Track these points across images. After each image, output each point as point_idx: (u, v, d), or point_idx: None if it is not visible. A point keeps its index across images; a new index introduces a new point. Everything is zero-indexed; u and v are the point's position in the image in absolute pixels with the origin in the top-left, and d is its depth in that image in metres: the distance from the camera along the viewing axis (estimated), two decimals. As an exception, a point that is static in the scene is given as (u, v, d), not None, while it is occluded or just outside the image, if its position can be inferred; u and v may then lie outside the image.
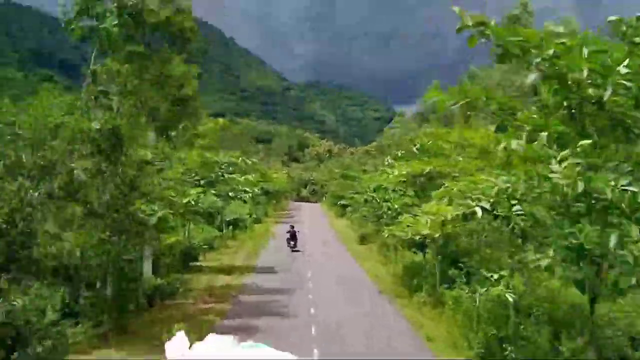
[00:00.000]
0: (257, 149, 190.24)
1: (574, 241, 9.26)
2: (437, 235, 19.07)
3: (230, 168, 31.57)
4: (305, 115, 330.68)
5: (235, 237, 49.87)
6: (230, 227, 50.54)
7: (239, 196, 33.43)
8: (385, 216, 33.60)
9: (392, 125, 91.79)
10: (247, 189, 34.28)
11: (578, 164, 8.37)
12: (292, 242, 46.39)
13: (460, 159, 26.03)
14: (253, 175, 34.41)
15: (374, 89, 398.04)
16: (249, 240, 48.91)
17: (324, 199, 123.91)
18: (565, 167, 8.29)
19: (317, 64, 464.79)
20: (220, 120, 55.57)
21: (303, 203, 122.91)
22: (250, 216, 61.30)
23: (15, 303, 14.64)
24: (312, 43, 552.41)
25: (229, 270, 33.96)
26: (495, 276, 18.55)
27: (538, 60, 8.72)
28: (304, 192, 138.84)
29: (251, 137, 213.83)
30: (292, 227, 47.91)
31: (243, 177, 33.65)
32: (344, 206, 77.39)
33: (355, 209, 64.50)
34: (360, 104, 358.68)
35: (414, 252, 33.10)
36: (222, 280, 31.96)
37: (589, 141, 8.71)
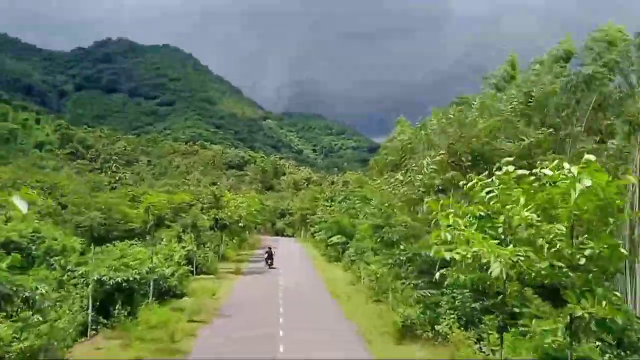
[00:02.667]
0: (227, 174, 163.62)
1: None
2: None
3: None
4: (282, 144, 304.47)
5: (124, 325, 21.55)
6: (115, 305, 22.27)
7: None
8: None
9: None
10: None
11: None
12: (269, 261, 47.00)
13: None
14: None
15: (351, 120, 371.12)
16: (147, 336, 20.37)
17: (302, 232, 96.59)
18: None
19: (295, 94, 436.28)
20: None
21: (279, 238, 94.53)
22: (181, 266, 33.07)
23: None
24: (289, 73, 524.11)
25: None
26: None
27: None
28: (280, 224, 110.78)
29: (223, 163, 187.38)
30: (270, 248, 49.12)
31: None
32: (337, 246, 49.85)
33: (360, 252, 36.68)
34: (338, 134, 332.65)
35: None
36: None
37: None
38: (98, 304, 22.02)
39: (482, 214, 12.82)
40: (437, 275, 13.49)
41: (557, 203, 10.44)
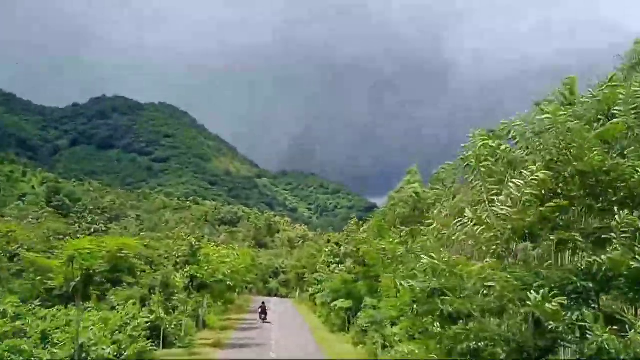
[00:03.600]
0: (220, 230, 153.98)
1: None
2: None
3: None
4: (276, 202, 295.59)
5: None
6: None
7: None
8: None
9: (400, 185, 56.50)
10: None
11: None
12: (262, 316, 48.69)
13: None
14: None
15: (347, 180, 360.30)
16: None
17: (297, 293, 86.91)
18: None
19: (290, 154, 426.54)
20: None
21: (272, 298, 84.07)
22: (137, 340, 23.63)
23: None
24: (285, 133, 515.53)
25: None
26: None
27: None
28: (273, 283, 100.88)
29: (215, 218, 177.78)
30: (263, 303, 51.29)
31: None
32: (341, 312, 40.32)
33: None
34: (333, 193, 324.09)
35: None
36: None
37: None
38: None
39: None
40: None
41: None
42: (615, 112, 16.69)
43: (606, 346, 11.99)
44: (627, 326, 12.37)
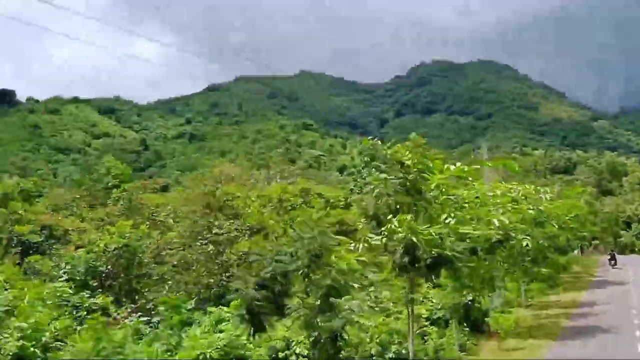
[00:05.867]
0: (551, 180, 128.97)
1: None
2: None
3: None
4: (620, 145, 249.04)
5: None
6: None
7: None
8: None
9: None
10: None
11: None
12: (612, 262, 50.87)
13: None
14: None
15: None
16: None
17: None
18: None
19: (628, 94, 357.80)
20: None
21: (624, 257, 59.45)
22: None
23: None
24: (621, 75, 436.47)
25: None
26: None
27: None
28: (626, 237, 75.09)
29: (545, 167, 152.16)
30: (612, 250, 55.35)
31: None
32: None
33: None
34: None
35: None
36: None
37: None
38: None
39: None
40: None
41: None
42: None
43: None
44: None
